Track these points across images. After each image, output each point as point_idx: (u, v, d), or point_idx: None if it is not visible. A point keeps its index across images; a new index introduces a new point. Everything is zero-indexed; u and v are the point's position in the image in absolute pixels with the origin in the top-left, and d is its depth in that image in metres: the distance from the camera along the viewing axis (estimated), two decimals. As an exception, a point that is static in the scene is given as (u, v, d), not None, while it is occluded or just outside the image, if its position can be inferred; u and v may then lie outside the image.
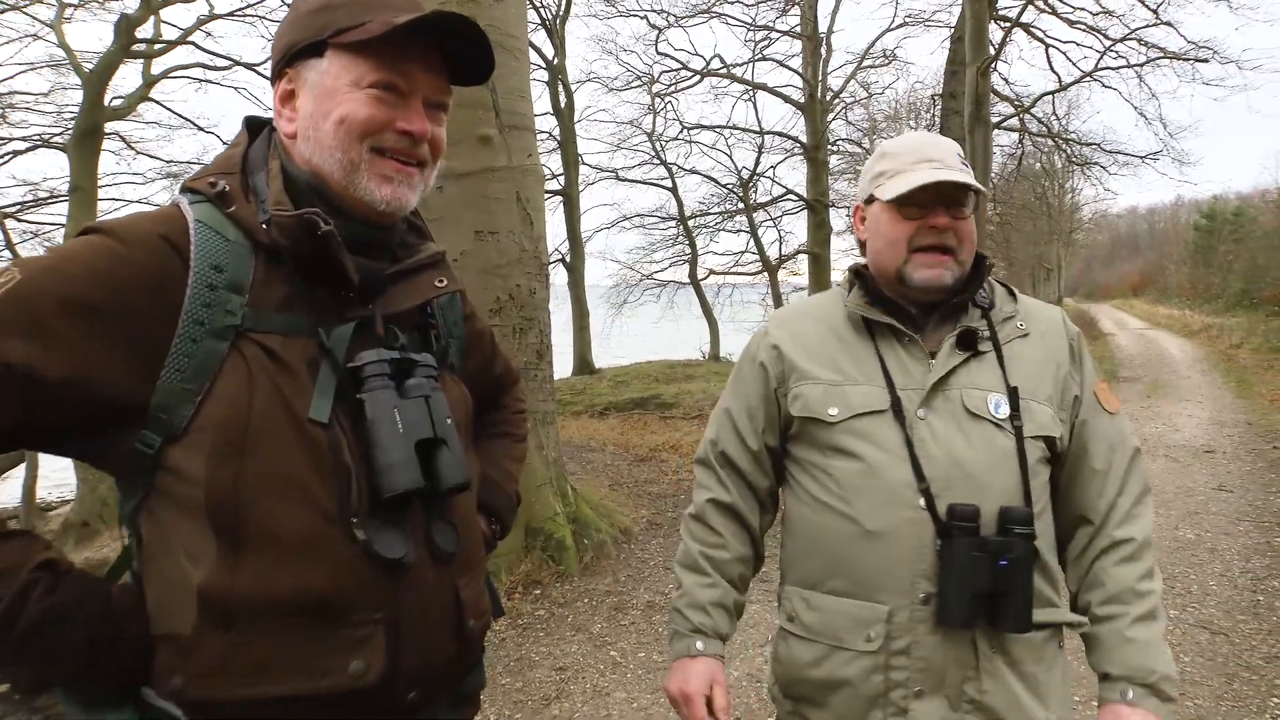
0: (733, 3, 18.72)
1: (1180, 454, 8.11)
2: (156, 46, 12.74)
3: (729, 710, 1.48)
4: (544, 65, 16.08)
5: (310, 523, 0.97)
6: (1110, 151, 18.96)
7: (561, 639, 4.09)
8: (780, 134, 20.13)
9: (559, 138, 16.68)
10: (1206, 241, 35.51)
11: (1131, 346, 20.87)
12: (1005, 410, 1.37)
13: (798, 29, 19.08)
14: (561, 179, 17.03)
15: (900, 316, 1.45)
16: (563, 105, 16.35)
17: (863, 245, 1.54)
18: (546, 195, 17.99)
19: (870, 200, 1.49)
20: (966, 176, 1.38)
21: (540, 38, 16.48)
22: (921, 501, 1.33)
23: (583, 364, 16.67)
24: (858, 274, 1.52)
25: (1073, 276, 62.62)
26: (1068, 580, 1.48)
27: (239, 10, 13.39)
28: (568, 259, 17.36)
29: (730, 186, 20.81)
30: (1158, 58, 16.22)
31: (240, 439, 0.95)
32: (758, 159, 20.12)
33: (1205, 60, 16.00)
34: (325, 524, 0.98)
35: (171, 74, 13.37)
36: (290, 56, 1.07)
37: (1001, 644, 1.35)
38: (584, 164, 18.95)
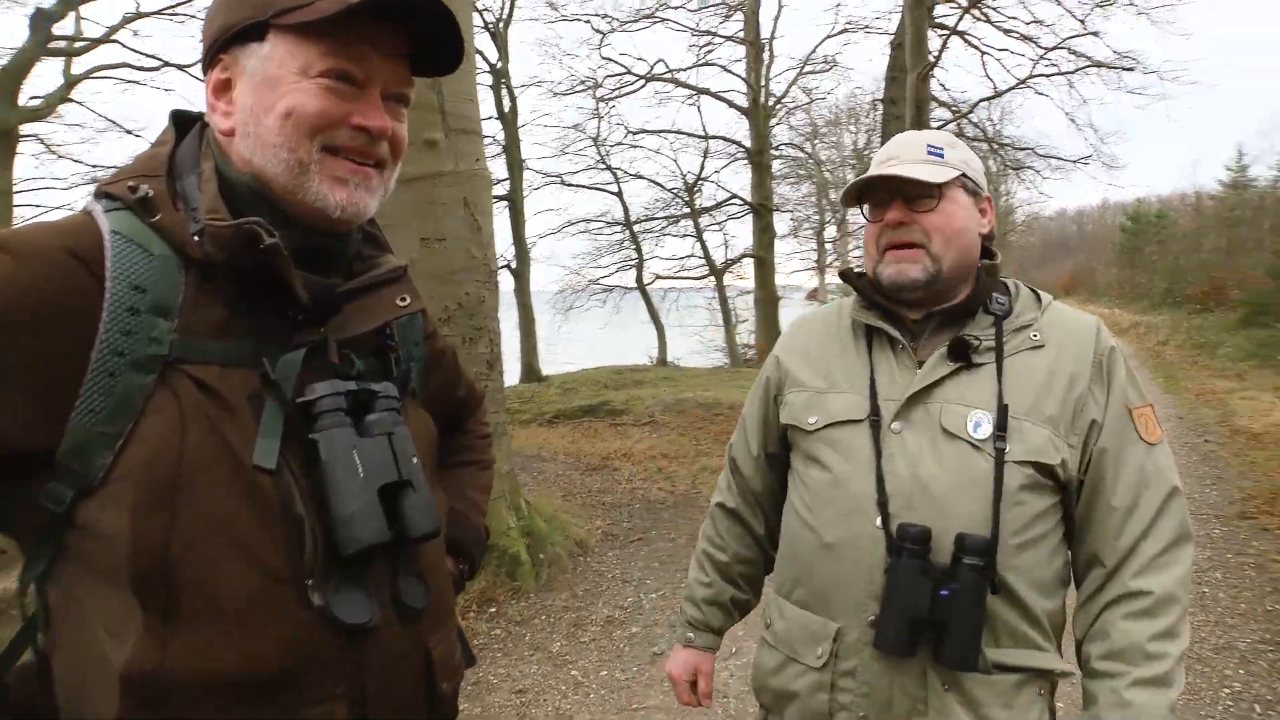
0: (676, 8, 18.70)
1: (1120, 451, 8.28)
2: (78, 45, 12.18)
3: (710, 695, 1.61)
4: (488, 69, 15.87)
5: (256, 586, 0.83)
6: (1044, 156, 19.49)
7: (520, 659, 3.95)
8: (724, 139, 20.24)
9: (503, 142, 16.46)
10: (1132, 243, 36.79)
11: (1066, 345, 21.35)
12: (986, 430, 1.27)
13: (741, 34, 19.20)
14: (506, 184, 16.81)
15: (895, 322, 1.39)
16: (507, 110, 16.15)
17: None
18: (493, 201, 17.78)
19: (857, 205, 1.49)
20: (914, 169, 1.33)
21: (484, 41, 16.26)
22: (879, 518, 1.28)
23: (530, 371, 16.46)
24: (853, 278, 1.47)
25: (1007, 276, 63.98)
26: (1075, 626, 1.34)
27: (168, 8, 12.89)
28: (513, 265, 17.13)
29: (675, 191, 20.82)
30: (1086, 66, 16.79)
31: (170, 490, 0.80)
32: (702, 163, 20.21)
33: (1130, 69, 16.59)
34: (274, 586, 0.84)
35: (95, 74, 12.80)
36: (225, 40, 0.92)
37: (957, 681, 1.25)
38: (529, 169, 18.77)
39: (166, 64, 12.85)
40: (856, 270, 1.49)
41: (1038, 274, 75.28)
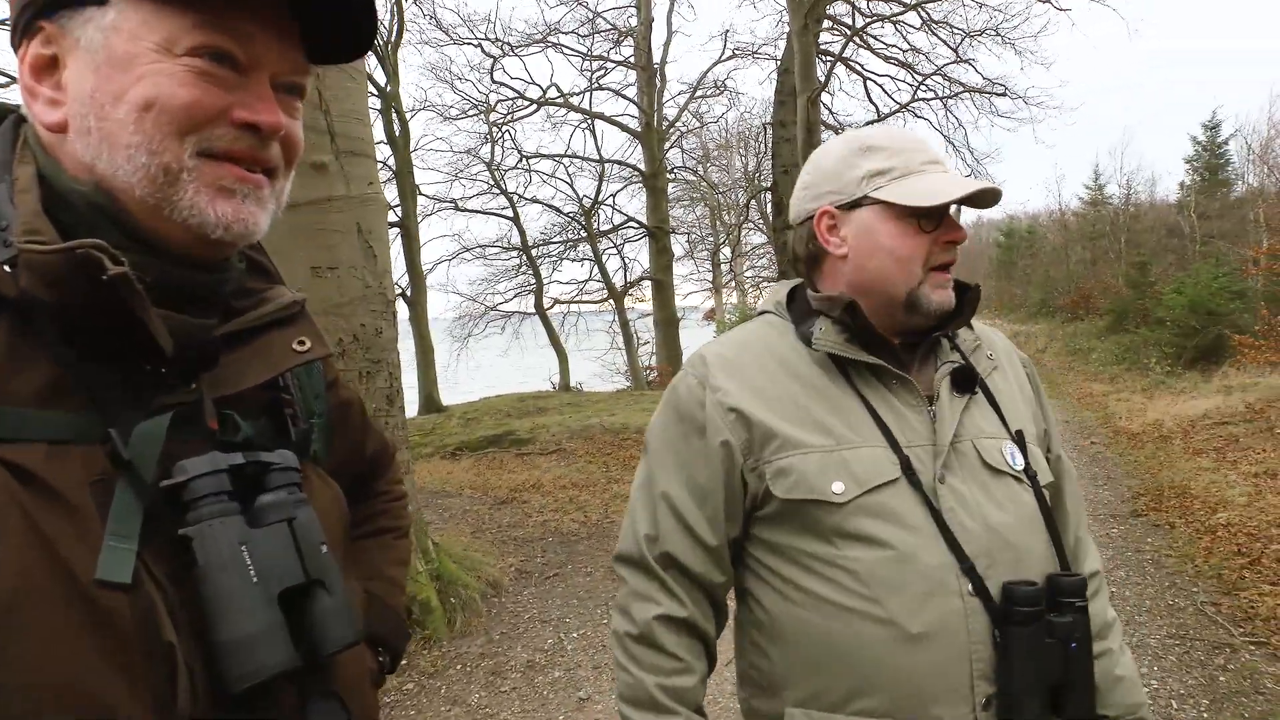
0: (568, 33, 18.70)
1: (1014, 456, 8.58)
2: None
3: None
4: (376, 93, 15.39)
5: None
6: (924, 176, 20.28)
7: (435, 716, 3.67)
8: (619, 162, 20.28)
9: (394, 167, 15.95)
10: (1007, 257, 38.82)
11: (952, 356, 22.29)
12: (1020, 459, 1.18)
13: (632, 59, 19.36)
14: (399, 210, 16.30)
15: (888, 355, 1.18)
16: (397, 134, 15.67)
17: (813, 260, 1.25)
18: (387, 227, 17.23)
19: (856, 204, 1.19)
20: (984, 183, 1.17)
21: (372, 64, 15.78)
22: (969, 586, 1.09)
23: (430, 402, 15.92)
24: (824, 301, 1.21)
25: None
26: None
27: None
28: (409, 293, 16.59)
29: (572, 215, 20.72)
30: (960, 92, 17.71)
31: None
32: (598, 187, 20.16)
33: (1000, 94, 17.54)
34: None
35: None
36: (47, 2, 0.69)
37: None
38: (422, 194, 18.29)
39: None
40: (818, 294, 1.25)
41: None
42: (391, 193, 15.73)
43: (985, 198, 1.17)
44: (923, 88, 17.67)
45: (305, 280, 4.13)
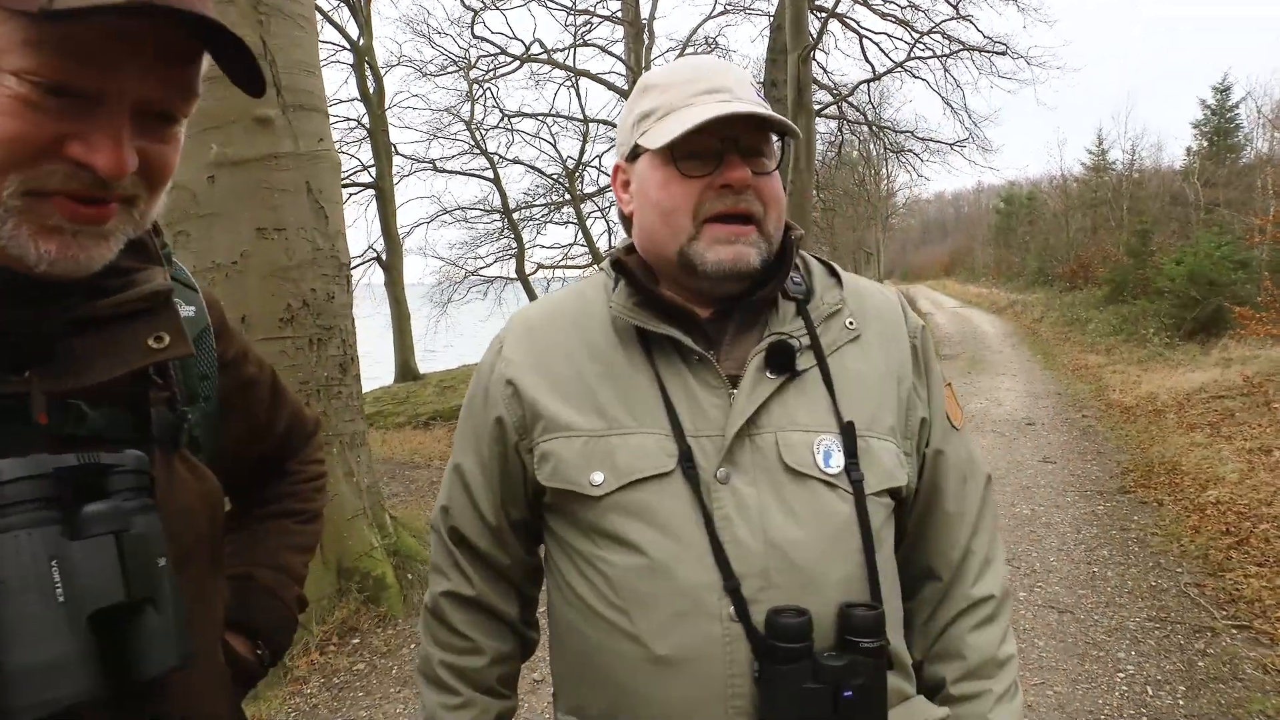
0: (551, -15, 18.34)
1: (1005, 428, 8.57)
2: None
3: None
4: (348, 46, 15.09)
5: None
6: (922, 139, 20.19)
7: (385, 698, 3.62)
8: (605, 122, 20.01)
9: (368, 126, 15.72)
10: (1006, 224, 38.80)
11: (949, 325, 22.34)
12: (839, 460, 1.00)
13: (619, 14, 19.01)
14: (373, 170, 16.09)
15: (684, 324, 1.04)
16: (371, 90, 15.41)
17: (627, 220, 1.13)
18: (356, 189, 17.07)
19: (635, 155, 1.07)
20: (767, 109, 1.01)
21: (344, 16, 15.47)
22: (730, 609, 0.95)
23: (406, 370, 15.84)
24: (620, 265, 1.09)
25: (890, 259, 66.92)
26: (913, 645, 1.15)
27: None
28: (384, 257, 16.42)
29: (556, 177, 20.49)
30: (959, 50, 17.50)
31: None
32: (583, 148, 19.92)
33: (1000, 53, 17.37)
34: None
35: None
36: None
37: None
38: (398, 154, 18.04)
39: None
40: (622, 249, 1.12)
41: (916, 255, 78.95)
42: (365, 152, 15.50)
43: (772, 124, 1.00)
44: (920, 45, 17.46)
45: (250, 242, 4.01)
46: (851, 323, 1.09)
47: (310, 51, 4.46)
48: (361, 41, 15.09)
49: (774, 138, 1.04)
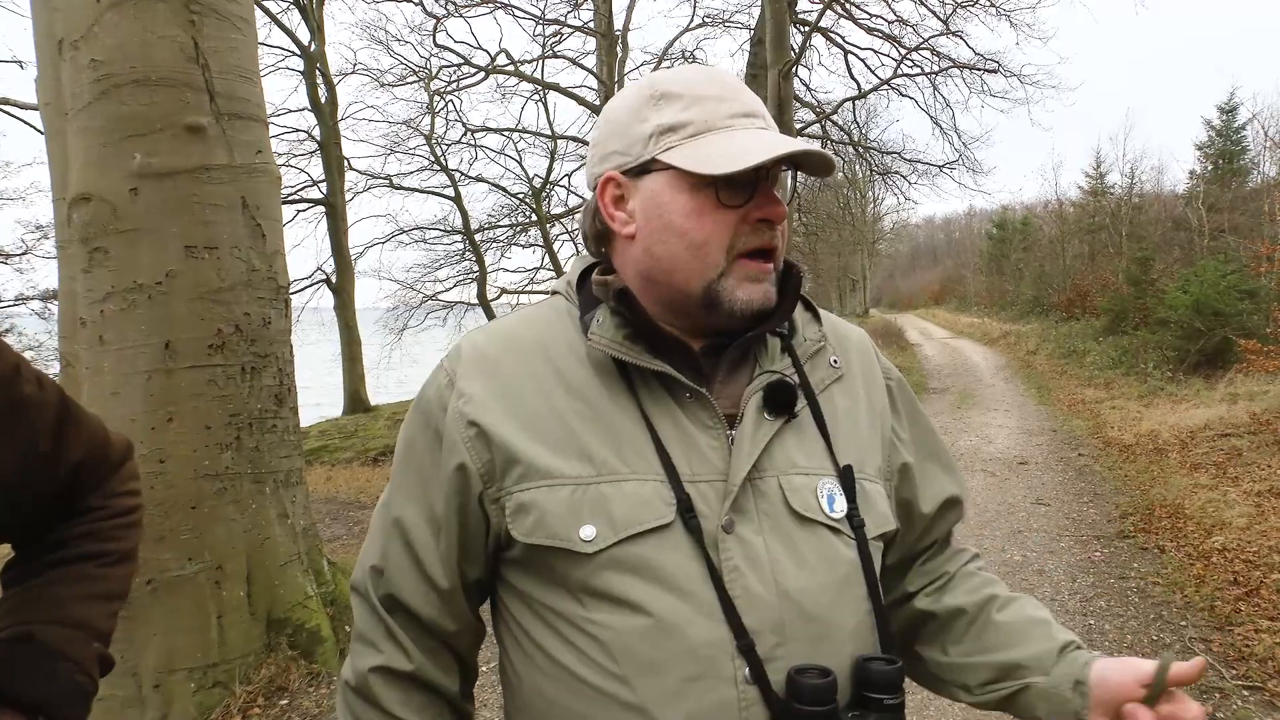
0: (518, -8, 18.50)
1: (996, 467, 8.60)
2: None
3: None
4: (298, 52, 15.06)
5: None
6: (910, 160, 20.47)
7: (313, 767, 3.49)
8: (575, 139, 20.12)
9: (319, 137, 15.64)
10: (999, 250, 39.34)
11: (938, 356, 22.53)
12: (842, 504, 1.00)
13: (591, 25, 19.19)
14: (324, 186, 16.00)
15: (681, 360, 1.00)
16: (323, 100, 15.37)
17: (602, 239, 1.08)
18: (305, 205, 16.98)
19: (644, 169, 1.01)
20: (803, 146, 0.98)
21: (293, 20, 15.46)
22: (745, 670, 0.92)
23: (355, 401, 15.66)
24: (624, 294, 1.02)
25: (876, 286, 67.73)
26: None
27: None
28: (334, 279, 16.29)
29: (521, 196, 20.51)
30: (949, 67, 17.85)
31: None
32: (550, 166, 19.97)
33: (993, 70, 17.73)
34: None
35: None
36: None
37: None
38: (351, 169, 18.01)
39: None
40: (599, 277, 1.06)
41: (905, 282, 79.90)
42: (315, 167, 15.43)
43: (812, 162, 1.00)
44: (907, 62, 17.77)
45: (178, 261, 3.92)
46: (836, 361, 1.10)
47: (248, 55, 4.41)
48: (313, 47, 15.08)
49: (783, 167, 1.02)
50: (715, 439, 0.98)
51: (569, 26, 19.38)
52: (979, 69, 17.67)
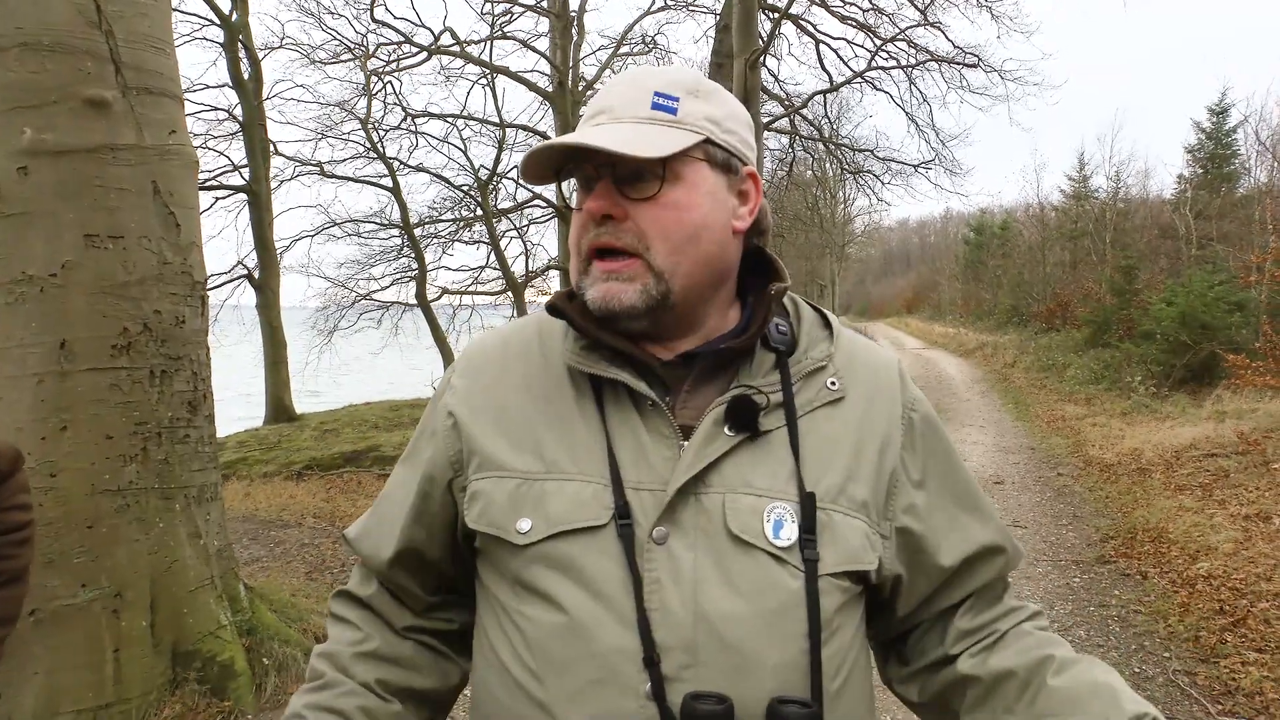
0: (465, -34, 18.41)
1: (972, 490, 8.69)
2: None
3: None
4: (217, 21, 14.80)
5: None
6: (883, 159, 20.70)
7: (221, 816, 3.38)
8: (525, 128, 20.01)
9: (241, 117, 15.37)
10: (976, 256, 40.01)
11: (911, 369, 22.78)
12: (791, 532, 1.03)
13: (544, 4, 19.12)
14: (246, 171, 15.73)
15: (637, 369, 1.08)
16: (245, 76, 15.11)
17: None
18: (225, 192, 16.69)
19: None
20: (618, 134, 1.03)
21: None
22: (647, 686, 0.97)
23: (279, 409, 15.37)
24: (554, 309, 1.14)
25: (846, 292, 68.41)
26: (915, 661, 1.21)
27: None
28: (256, 274, 16.00)
29: (466, 189, 20.34)
30: (926, 60, 18.08)
31: None
32: (498, 157, 19.80)
33: (972, 65, 18.02)
34: None
35: None
36: None
37: None
38: (278, 154, 17.69)
39: None
40: (569, 290, 1.16)
41: (876, 288, 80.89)
42: (237, 150, 15.19)
43: (620, 152, 1.02)
44: (883, 54, 17.96)
45: (76, 251, 3.81)
46: (834, 383, 1.12)
47: (160, 24, 4.30)
48: (235, 17, 14.82)
49: (667, 154, 1.04)
50: (668, 449, 1.05)
51: (520, 5, 19.29)
52: (958, 63, 17.91)
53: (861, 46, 18.33)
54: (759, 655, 0.98)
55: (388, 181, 19.09)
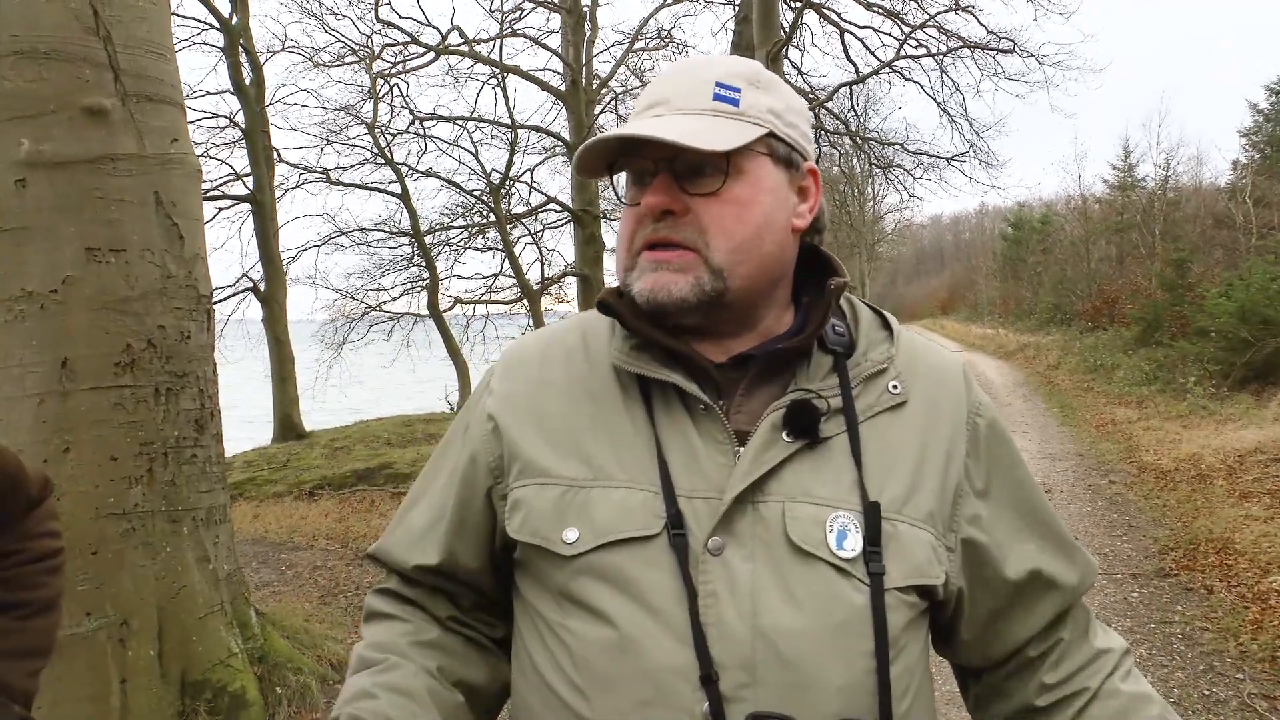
0: (473, -38, 18.53)
1: (1019, 500, 8.61)
2: None
3: None
4: (217, 25, 14.96)
5: None
6: (914, 153, 20.63)
7: None
8: (538, 129, 20.10)
9: (243, 125, 15.52)
10: (1015, 253, 39.80)
11: (949, 373, 22.65)
12: (856, 543, 1.01)
13: (555, 1, 19.20)
14: (249, 180, 15.86)
15: (689, 370, 1.08)
16: (247, 81, 15.25)
17: None
18: (228, 202, 16.85)
19: None
20: (684, 126, 1.03)
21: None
22: (705, 706, 0.96)
23: (287, 426, 15.46)
24: (604, 306, 1.14)
25: (877, 294, 68.18)
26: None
27: None
28: (261, 287, 16.14)
29: (477, 194, 20.44)
30: (958, 47, 17.99)
31: None
32: (510, 159, 19.88)
33: (1007, 51, 17.91)
34: None
35: None
36: None
37: None
38: (282, 161, 17.88)
39: None
40: (617, 287, 1.16)
41: (909, 289, 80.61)
42: (240, 157, 15.33)
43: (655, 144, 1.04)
44: (912, 42, 17.90)
45: (77, 265, 3.84)
46: (896, 386, 1.11)
47: (160, 28, 4.34)
48: (235, 20, 14.97)
49: (731, 147, 1.04)
50: (722, 455, 1.04)
51: (530, 2, 19.40)
52: (992, 49, 17.82)
53: (889, 35, 18.29)
54: (821, 673, 0.97)
55: (396, 188, 19.23)
